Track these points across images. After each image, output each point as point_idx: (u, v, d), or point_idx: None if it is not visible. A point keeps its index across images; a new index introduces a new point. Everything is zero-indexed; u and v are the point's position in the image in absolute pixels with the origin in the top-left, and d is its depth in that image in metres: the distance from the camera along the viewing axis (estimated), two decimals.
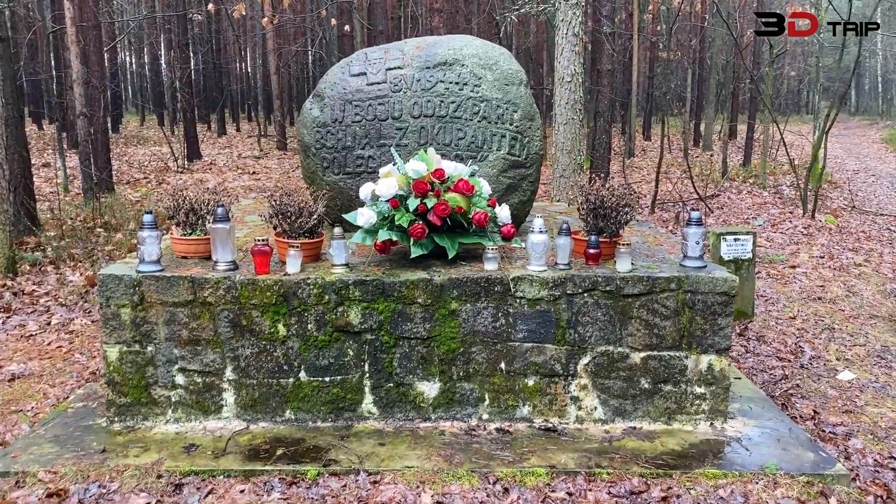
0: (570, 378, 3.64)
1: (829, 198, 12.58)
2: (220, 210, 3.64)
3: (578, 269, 3.64)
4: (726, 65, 20.02)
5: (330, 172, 4.30)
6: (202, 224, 3.89)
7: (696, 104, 24.35)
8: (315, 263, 3.81)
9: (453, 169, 3.84)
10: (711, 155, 20.24)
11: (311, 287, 3.55)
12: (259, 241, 3.58)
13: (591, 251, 3.70)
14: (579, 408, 3.66)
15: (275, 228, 3.83)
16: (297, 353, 3.60)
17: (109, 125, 25.25)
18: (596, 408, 3.66)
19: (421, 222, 3.61)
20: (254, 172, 14.88)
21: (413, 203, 3.63)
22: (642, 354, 3.62)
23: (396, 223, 3.62)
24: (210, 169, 15.43)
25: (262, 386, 3.63)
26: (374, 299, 3.56)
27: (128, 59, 40.61)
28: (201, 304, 3.57)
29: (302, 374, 3.62)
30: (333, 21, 10.64)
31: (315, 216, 3.78)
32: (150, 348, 3.60)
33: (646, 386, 3.64)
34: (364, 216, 3.66)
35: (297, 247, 3.64)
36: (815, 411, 4.11)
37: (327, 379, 3.63)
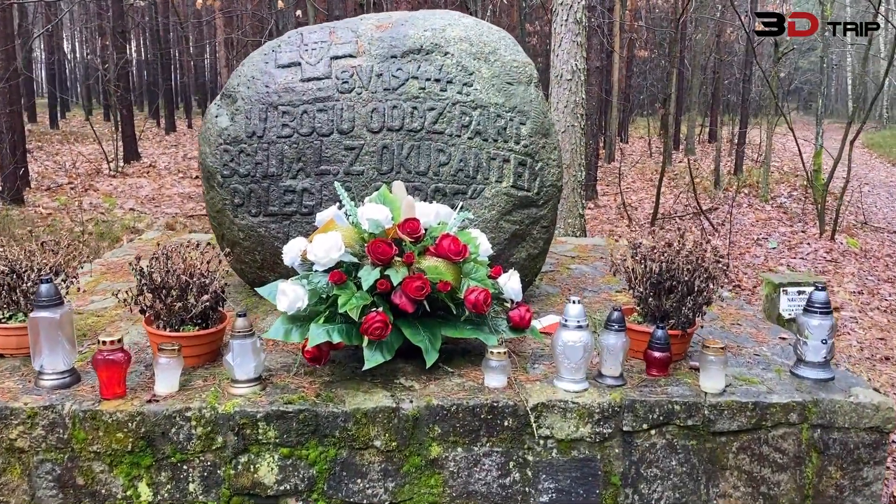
0: None
1: (834, 212, 11.42)
2: (44, 288, 2.17)
3: (639, 387, 2.24)
4: (718, 63, 18.89)
5: (244, 213, 2.84)
6: (28, 302, 2.41)
7: (677, 105, 23.30)
8: (211, 367, 2.36)
9: (434, 216, 2.42)
10: (694, 160, 19.13)
11: (194, 423, 2.09)
12: (107, 343, 2.10)
13: (658, 354, 2.31)
14: None
15: (142, 312, 2.36)
16: None
17: (48, 120, 23.27)
18: None
19: (381, 310, 2.18)
20: (196, 177, 13.23)
21: (369, 277, 2.20)
22: None
23: (341, 309, 2.17)
24: (148, 172, 13.75)
25: None
26: (302, 442, 2.13)
27: (76, 48, 38.40)
28: (7, 449, 2.10)
29: None
30: (281, 3, 9.16)
31: (210, 294, 2.33)
32: None
33: None
34: (288, 296, 2.21)
35: (176, 348, 2.18)
36: None
37: None
